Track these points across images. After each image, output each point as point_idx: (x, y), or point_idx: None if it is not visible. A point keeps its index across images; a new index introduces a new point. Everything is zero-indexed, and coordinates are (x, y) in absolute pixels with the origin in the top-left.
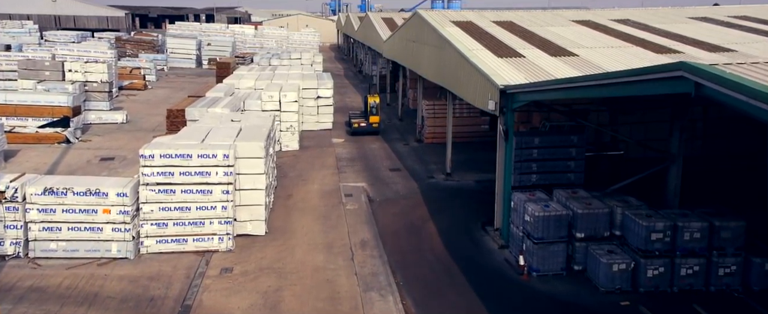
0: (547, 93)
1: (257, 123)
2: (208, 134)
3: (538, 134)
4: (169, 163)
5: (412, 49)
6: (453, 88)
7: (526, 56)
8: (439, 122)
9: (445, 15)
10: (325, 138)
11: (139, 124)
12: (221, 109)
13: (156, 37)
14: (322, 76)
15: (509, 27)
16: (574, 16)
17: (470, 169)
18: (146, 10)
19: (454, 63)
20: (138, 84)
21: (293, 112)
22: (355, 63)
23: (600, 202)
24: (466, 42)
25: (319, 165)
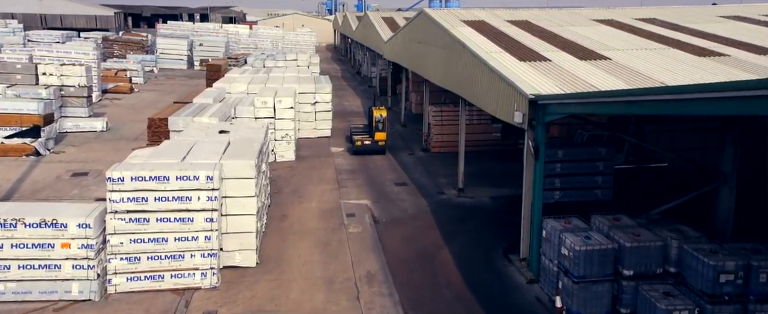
0: (591, 106)
1: (248, 135)
2: (190, 150)
3: (561, 146)
4: (143, 187)
5: (417, 50)
6: (468, 96)
7: (552, 60)
8: (446, 130)
9: (454, 14)
10: (323, 146)
11: (121, 132)
12: (208, 118)
13: (145, 37)
14: (320, 79)
15: (526, 27)
16: (594, 15)
17: (484, 184)
18: (139, 10)
19: (470, 67)
20: (123, 87)
21: (289, 120)
22: (352, 64)
23: (650, 233)
24: (481, 44)
25: (318, 179)
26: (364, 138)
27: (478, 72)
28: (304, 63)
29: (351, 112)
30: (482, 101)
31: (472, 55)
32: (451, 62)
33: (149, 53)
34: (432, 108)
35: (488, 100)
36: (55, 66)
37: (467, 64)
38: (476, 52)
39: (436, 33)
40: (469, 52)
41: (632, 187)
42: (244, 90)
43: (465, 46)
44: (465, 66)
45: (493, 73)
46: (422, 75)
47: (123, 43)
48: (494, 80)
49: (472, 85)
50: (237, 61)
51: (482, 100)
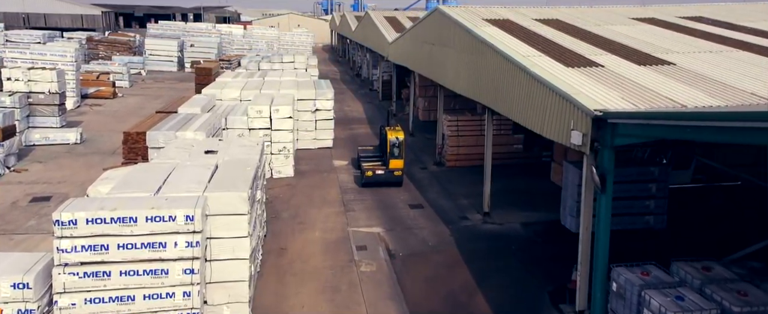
0: (685, 131)
1: (241, 155)
2: (169, 176)
3: None
4: (102, 232)
5: (430, 53)
6: (501, 108)
7: (604, 64)
8: (463, 141)
9: (474, 12)
10: (324, 159)
11: (97, 145)
12: (194, 132)
13: (133, 38)
14: (320, 84)
15: (560, 26)
16: (630, 12)
17: (511, 206)
18: (131, 9)
19: (503, 74)
20: (105, 91)
21: (287, 131)
22: (351, 66)
23: (759, 291)
24: (514, 46)
25: (320, 200)
26: (376, 166)
27: (514, 80)
28: (301, 65)
29: (353, 119)
30: (522, 115)
31: (506, 59)
32: (475, 67)
33: (137, 54)
34: (447, 117)
35: (531, 115)
36: (22, 70)
37: (499, 71)
38: (511, 56)
39: (454, 33)
40: (501, 55)
41: (698, 210)
42: (237, 96)
43: (495, 48)
44: (496, 72)
45: (538, 83)
46: (436, 80)
47: (108, 44)
48: (539, 91)
49: (506, 96)
50: (229, 63)
51: (522, 114)
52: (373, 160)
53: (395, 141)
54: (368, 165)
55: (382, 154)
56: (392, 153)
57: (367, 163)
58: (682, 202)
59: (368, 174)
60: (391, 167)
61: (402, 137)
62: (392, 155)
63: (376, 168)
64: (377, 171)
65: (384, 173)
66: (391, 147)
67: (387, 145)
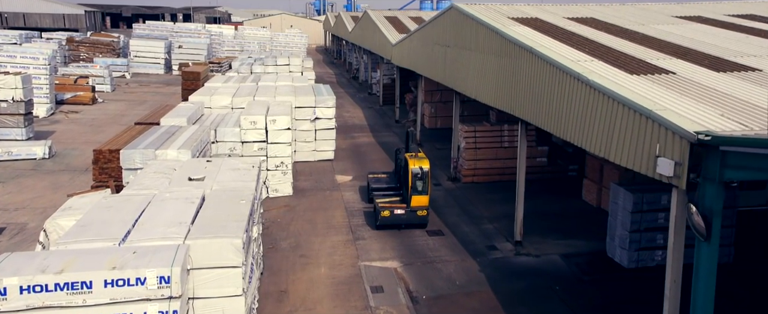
0: None
1: (232, 181)
2: (142, 214)
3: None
4: (43, 303)
5: (444, 56)
6: (546, 123)
7: (675, 71)
8: (481, 154)
9: (496, 9)
10: (325, 174)
11: (68, 160)
12: (177, 150)
13: (116, 39)
14: (319, 89)
15: (600, 26)
16: (670, 10)
17: (545, 232)
18: (118, 9)
19: (548, 83)
20: (84, 97)
21: (285, 144)
22: (347, 68)
23: None
24: (557, 49)
25: (324, 225)
26: (395, 204)
27: (565, 90)
28: (297, 68)
29: (354, 127)
30: (578, 134)
31: (552, 65)
32: (507, 73)
33: (121, 56)
34: (464, 128)
35: (592, 134)
36: None
37: (541, 78)
38: (559, 62)
39: (478, 34)
40: (544, 60)
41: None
42: (228, 104)
43: (535, 52)
44: (537, 80)
45: (603, 95)
46: (453, 87)
47: (90, 45)
48: (604, 105)
49: (553, 109)
50: (220, 66)
51: (578, 133)
52: (388, 194)
53: (419, 172)
54: (384, 201)
55: (399, 185)
56: (415, 187)
57: (382, 200)
58: (754, 229)
59: (384, 214)
60: (413, 205)
61: (427, 167)
62: (415, 189)
63: (395, 208)
64: (396, 210)
65: (405, 213)
66: (414, 179)
67: (408, 177)
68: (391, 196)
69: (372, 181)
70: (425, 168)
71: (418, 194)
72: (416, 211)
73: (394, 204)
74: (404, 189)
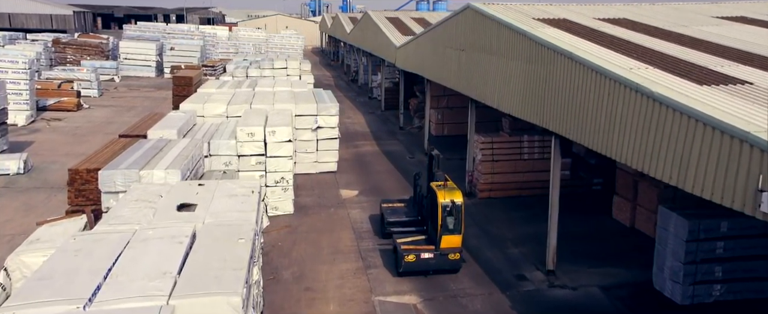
0: None
1: (229, 211)
2: (117, 261)
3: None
4: None
5: (458, 61)
6: (592, 140)
7: (752, 81)
8: (499, 167)
9: (517, 9)
10: (329, 188)
11: (46, 175)
12: (165, 170)
13: (105, 40)
14: (321, 95)
15: (638, 28)
16: (705, 10)
17: (578, 257)
18: (110, 10)
19: (593, 94)
20: (68, 103)
21: (286, 158)
22: (345, 70)
23: None
24: (602, 54)
25: (330, 250)
26: (420, 246)
27: (617, 103)
28: (294, 71)
29: (356, 134)
30: (639, 157)
31: (600, 73)
32: (539, 81)
33: (110, 58)
34: (480, 139)
35: (659, 158)
36: None
37: (583, 88)
38: (610, 69)
39: (499, 37)
40: (588, 67)
41: None
42: (222, 112)
43: (576, 57)
44: (577, 90)
45: (675, 111)
46: (469, 95)
47: (77, 47)
48: (677, 123)
49: (602, 125)
50: (214, 69)
51: (636, 155)
52: (409, 230)
53: (449, 206)
54: (407, 242)
55: (419, 218)
56: (445, 224)
57: (404, 239)
58: None
59: (409, 259)
60: (444, 247)
61: (460, 200)
62: (445, 228)
63: (422, 251)
64: (423, 253)
65: (434, 257)
66: (444, 215)
67: (435, 211)
68: (413, 232)
69: (387, 213)
70: (458, 202)
71: (449, 233)
72: (447, 254)
73: (419, 245)
74: (429, 224)
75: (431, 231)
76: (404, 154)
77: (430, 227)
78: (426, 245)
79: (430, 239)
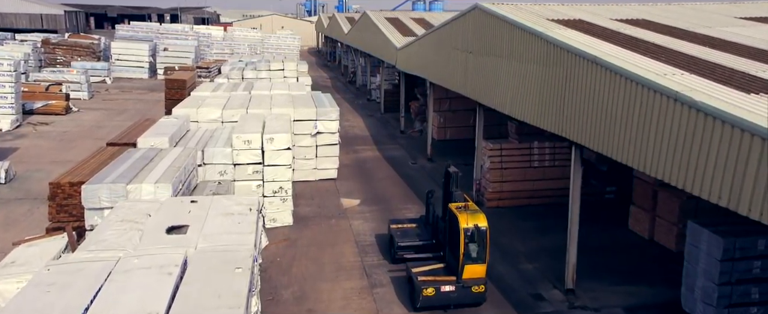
0: None
1: (225, 234)
2: (94, 300)
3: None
4: None
5: (465, 63)
6: (618, 153)
7: None
8: (508, 175)
9: (527, 10)
10: (329, 196)
11: (28, 186)
12: (155, 185)
13: (97, 41)
14: (320, 99)
15: (661, 29)
16: (725, 10)
17: (597, 273)
18: (103, 9)
19: (626, 102)
20: (56, 106)
21: (285, 167)
22: (342, 71)
23: None
24: (629, 58)
25: (333, 266)
26: (440, 277)
27: (652, 112)
28: (291, 73)
29: (355, 138)
30: (675, 171)
31: (630, 79)
32: (557, 87)
33: (102, 59)
34: (488, 145)
35: (706, 175)
36: None
37: (614, 95)
38: (641, 75)
39: (512, 39)
40: (615, 73)
41: None
42: (217, 117)
43: (601, 62)
44: (606, 98)
45: (724, 123)
46: (478, 100)
47: (68, 48)
48: (727, 137)
49: (631, 135)
50: (208, 71)
51: (675, 170)
52: (423, 257)
53: (472, 232)
54: (424, 273)
55: (434, 241)
56: (468, 253)
57: (420, 269)
58: None
59: (427, 292)
60: (466, 277)
61: (485, 225)
62: (468, 256)
63: (442, 284)
64: (443, 286)
65: (455, 290)
66: (467, 242)
67: (454, 236)
68: (429, 260)
69: (398, 235)
70: (482, 227)
71: (472, 263)
72: (470, 287)
73: (438, 276)
74: (447, 250)
75: (451, 259)
76: (406, 160)
77: (450, 254)
78: (446, 276)
79: (449, 268)
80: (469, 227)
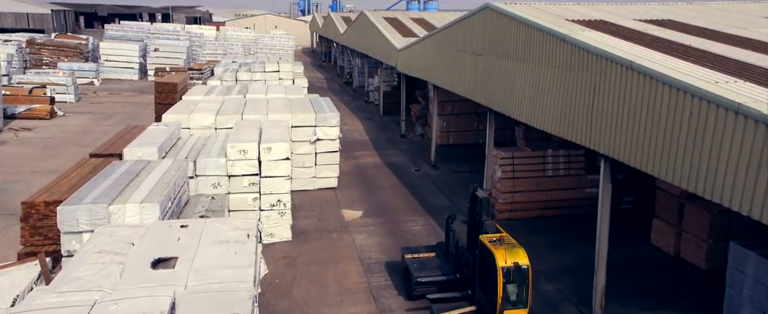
0: None
1: (219, 269)
2: None
3: None
4: None
5: (474, 66)
6: (663, 171)
7: None
8: (521, 185)
9: (543, 9)
10: (329, 208)
11: (6, 199)
12: (140, 205)
13: (85, 41)
14: (319, 103)
15: (693, 30)
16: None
17: (624, 295)
18: (93, 8)
19: (671, 113)
20: (40, 110)
21: (283, 178)
22: (338, 72)
23: None
24: (669, 62)
25: (336, 288)
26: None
27: (707, 127)
28: (287, 75)
29: (354, 143)
30: (747, 200)
31: (676, 88)
32: (582, 94)
33: (91, 60)
34: (500, 154)
35: None
36: None
37: (656, 106)
38: (691, 84)
39: (529, 41)
40: (656, 80)
41: None
42: (211, 123)
43: (639, 67)
44: (645, 108)
45: None
46: (489, 105)
47: (54, 48)
48: None
49: (681, 153)
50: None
51: (746, 199)
52: (447, 294)
53: (512, 272)
54: None
55: (458, 276)
56: (506, 295)
57: (441, 306)
58: None
59: None
60: None
61: (526, 263)
62: (506, 300)
63: None
64: None
65: None
66: (505, 281)
67: (494, 278)
68: (457, 298)
69: (415, 268)
70: (523, 266)
71: (511, 307)
72: None
73: None
74: (477, 288)
75: (483, 300)
76: (409, 166)
77: (481, 294)
78: None
79: (481, 311)
80: (507, 266)
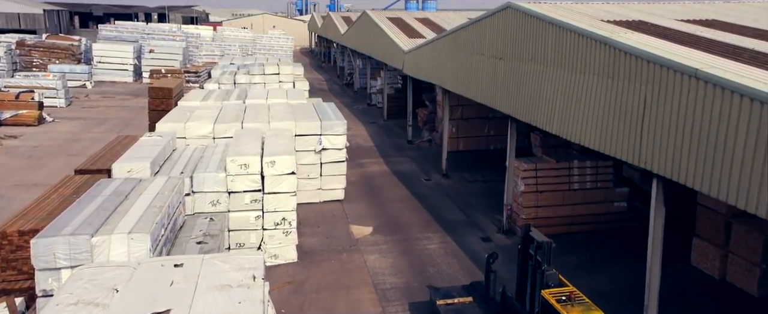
0: None
1: None
2: None
3: None
4: None
5: (494, 71)
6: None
7: None
8: (544, 199)
9: (571, 9)
10: (337, 222)
11: None
12: (129, 236)
13: (77, 42)
14: (324, 109)
15: (747, 32)
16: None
17: None
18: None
19: (755, 134)
20: (28, 116)
21: (288, 194)
22: (338, 73)
23: None
24: (748, 73)
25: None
26: None
27: None
28: (288, 78)
29: (360, 149)
30: None
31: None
32: (634, 106)
33: (83, 62)
34: (522, 165)
35: None
36: None
37: (743, 124)
38: None
39: (561, 44)
40: (733, 90)
41: None
42: (209, 132)
43: (712, 78)
44: (726, 126)
45: None
46: (511, 114)
47: (45, 50)
48: None
49: (755, 175)
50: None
51: None
52: None
53: None
54: None
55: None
56: None
57: None
58: None
59: None
60: None
61: None
62: None
63: None
64: None
65: None
66: None
67: None
68: None
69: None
70: None
71: None
72: None
73: None
74: None
75: None
76: (419, 175)
77: None
78: None
79: None
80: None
